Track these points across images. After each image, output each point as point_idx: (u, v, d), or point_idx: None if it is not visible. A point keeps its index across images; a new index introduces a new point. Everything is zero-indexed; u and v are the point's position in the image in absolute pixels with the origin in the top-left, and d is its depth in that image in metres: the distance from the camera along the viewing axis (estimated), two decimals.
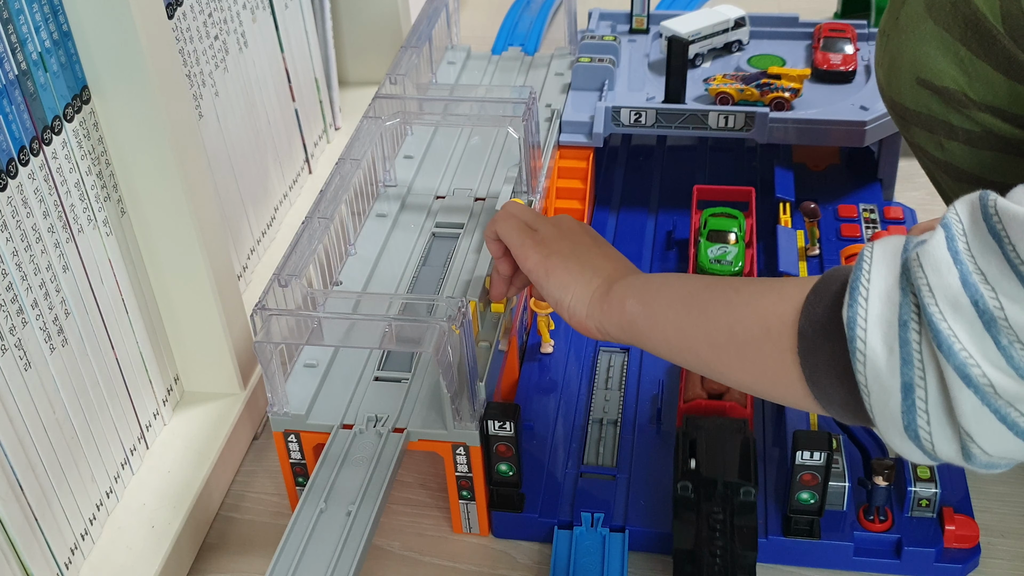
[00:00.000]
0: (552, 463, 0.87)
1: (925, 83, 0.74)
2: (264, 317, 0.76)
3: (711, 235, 1.01)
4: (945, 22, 0.71)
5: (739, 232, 1.01)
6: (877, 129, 1.07)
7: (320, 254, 0.89)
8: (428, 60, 1.16)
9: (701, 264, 0.99)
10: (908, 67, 0.75)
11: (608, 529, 0.82)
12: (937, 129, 0.76)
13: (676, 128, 1.09)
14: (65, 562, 0.78)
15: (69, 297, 0.78)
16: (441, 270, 0.94)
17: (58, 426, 0.77)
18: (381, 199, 1.03)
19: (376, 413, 0.81)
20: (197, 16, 0.96)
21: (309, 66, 1.23)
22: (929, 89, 0.74)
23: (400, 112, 0.98)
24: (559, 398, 0.93)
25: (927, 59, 0.73)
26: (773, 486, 0.83)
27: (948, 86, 0.73)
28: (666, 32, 1.17)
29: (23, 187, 0.72)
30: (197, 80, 0.96)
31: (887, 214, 1.11)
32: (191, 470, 0.87)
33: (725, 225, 1.02)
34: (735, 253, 0.99)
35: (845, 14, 1.45)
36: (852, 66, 1.14)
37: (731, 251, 1.00)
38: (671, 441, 0.88)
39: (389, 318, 0.76)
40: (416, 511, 0.89)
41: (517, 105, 0.97)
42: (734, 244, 1.00)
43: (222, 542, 0.87)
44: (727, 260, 0.99)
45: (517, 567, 0.83)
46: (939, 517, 0.80)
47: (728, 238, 1.01)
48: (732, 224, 1.02)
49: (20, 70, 0.71)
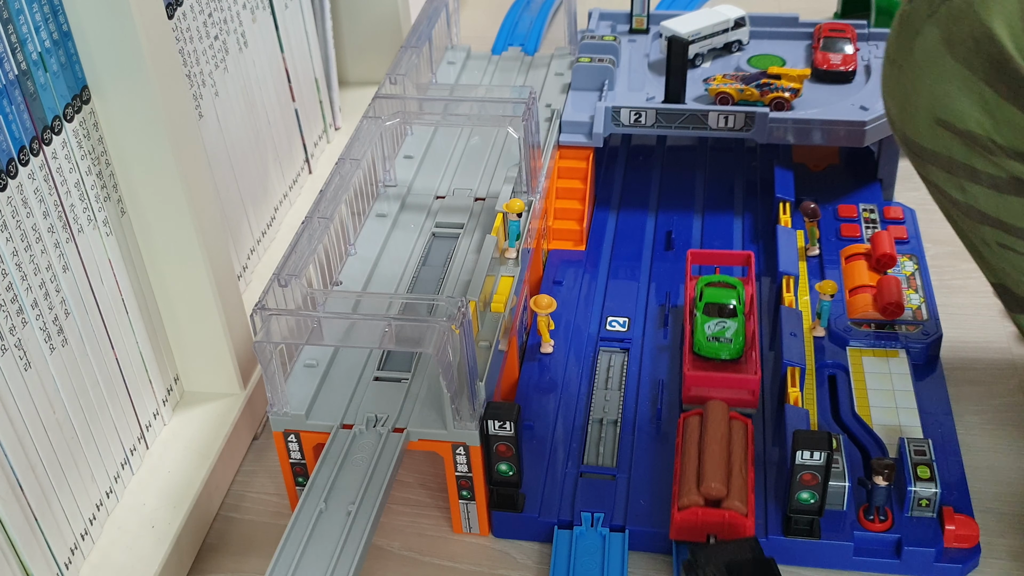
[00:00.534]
0: (552, 463, 0.87)
1: (945, 124, 0.69)
2: (264, 317, 0.76)
3: (708, 308, 0.93)
4: (968, 60, 0.66)
5: (738, 303, 0.93)
6: (877, 129, 1.07)
7: (320, 254, 0.89)
8: (428, 60, 1.16)
9: (698, 343, 0.91)
10: (926, 105, 0.70)
11: (608, 529, 0.82)
12: (958, 172, 0.71)
13: (676, 128, 1.09)
14: (65, 562, 0.78)
15: (69, 297, 0.78)
16: (441, 270, 0.94)
17: (58, 426, 0.77)
18: (381, 199, 1.03)
19: (376, 413, 0.81)
20: (197, 16, 0.96)
21: (309, 66, 1.23)
22: (950, 131, 0.69)
23: (400, 112, 0.98)
24: (559, 398, 0.93)
25: (947, 99, 0.68)
26: (773, 486, 0.83)
27: (972, 129, 0.67)
28: (666, 32, 1.17)
29: (23, 187, 0.72)
30: (197, 80, 0.96)
31: (887, 214, 1.12)
32: (191, 470, 0.87)
33: (723, 297, 0.93)
34: (734, 329, 0.91)
35: (845, 14, 1.45)
36: (852, 66, 1.14)
37: (730, 326, 0.91)
38: (671, 441, 0.88)
39: (389, 318, 0.76)
40: (416, 511, 0.89)
41: (517, 105, 0.97)
42: (733, 318, 0.92)
43: (222, 542, 0.87)
44: (726, 337, 0.91)
45: (517, 567, 0.83)
46: (939, 517, 0.80)
47: (727, 310, 0.92)
48: (730, 295, 0.94)
49: (20, 70, 0.71)
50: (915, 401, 0.89)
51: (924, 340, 0.94)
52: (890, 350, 0.94)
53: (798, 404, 0.85)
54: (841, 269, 1.03)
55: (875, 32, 1.21)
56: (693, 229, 1.13)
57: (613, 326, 1.01)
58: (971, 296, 1.05)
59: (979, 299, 1.04)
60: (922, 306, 0.98)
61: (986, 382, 0.96)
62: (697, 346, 0.91)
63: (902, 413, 0.88)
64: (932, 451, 0.82)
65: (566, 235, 1.12)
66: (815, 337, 0.96)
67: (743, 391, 0.88)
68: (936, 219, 1.14)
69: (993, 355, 0.99)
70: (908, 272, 1.03)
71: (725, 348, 0.90)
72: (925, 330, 0.96)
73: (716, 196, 1.18)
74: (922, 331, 0.95)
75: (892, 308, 0.95)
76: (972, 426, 0.92)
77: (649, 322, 1.01)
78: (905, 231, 1.08)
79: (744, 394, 0.88)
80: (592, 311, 1.03)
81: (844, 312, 0.97)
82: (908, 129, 0.73)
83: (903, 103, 0.72)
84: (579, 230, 1.12)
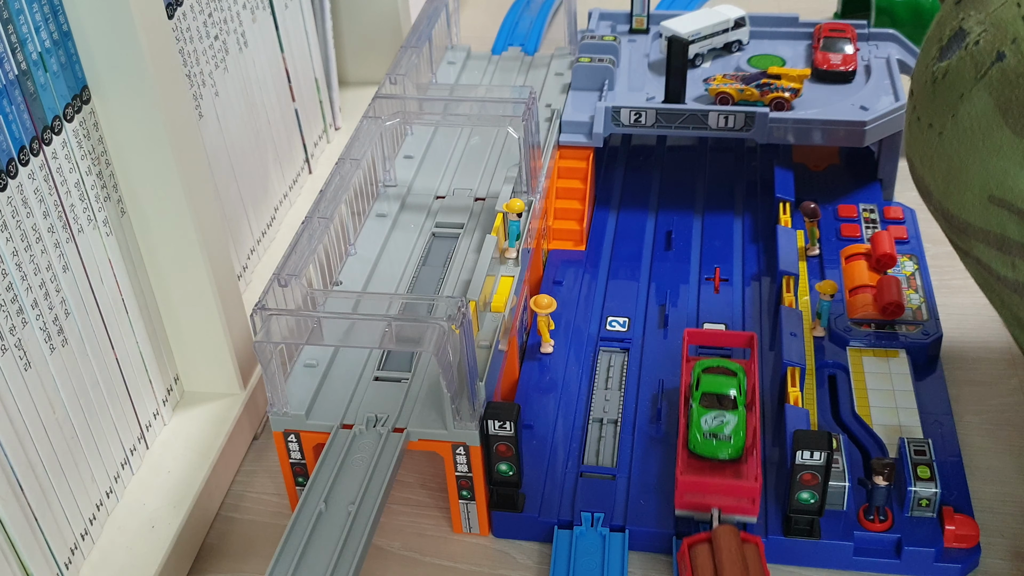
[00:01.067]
0: (552, 463, 0.87)
1: (1001, 202, 0.62)
2: (264, 317, 0.76)
3: (705, 398, 0.84)
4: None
5: (739, 393, 0.84)
6: (877, 129, 1.07)
7: (320, 254, 0.89)
8: (428, 60, 1.16)
9: (693, 439, 0.82)
10: (978, 182, 0.63)
11: (608, 529, 0.82)
12: (1012, 250, 0.64)
13: (676, 128, 1.09)
14: (65, 562, 0.78)
15: (69, 297, 0.78)
16: (441, 270, 0.94)
17: (58, 426, 0.77)
18: (381, 199, 1.03)
19: (376, 413, 0.81)
20: (197, 16, 0.96)
21: (309, 66, 1.23)
22: (1006, 209, 0.62)
23: (400, 112, 0.98)
24: (559, 398, 0.93)
25: (1004, 176, 0.61)
26: (773, 486, 0.83)
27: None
28: (666, 32, 1.17)
29: (23, 187, 0.72)
30: (197, 80, 0.96)
31: (887, 214, 1.12)
32: (191, 470, 0.87)
33: (721, 386, 0.84)
34: (734, 424, 0.82)
35: (845, 14, 1.45)
36: (852, 66, 1.14)
37: (729, 421, 0.82)
38: (671, 441, 0.88)
39: (389, 318, 0.76)
40: (416, 511, 0.89)
41: (517, 105, 0.97)
42: (733, 411, 0.83)
43: (222, 542, 0.87)
44: (724, 434, 0.81)
45: (517, 567, 0.83)
46: (939, 517, 0.80)
47: (726, 402, 0.83)
48: (730, 384, 0.84)
49: (20, 70, 0.71)
50: (915, 401, 0.89)
51: (924, 340, 0.94)
52: (890, 350, 0.94)
53: (798, 404, 0.85)
54: (841, 269, 1.03)
55: (875, 32, 1.21)
56: (693, 229, 1.13)
57: (613, 326, 1.01)
58: (971, 296, 1.05)
59: (979, 299, 1.04)
60: (922, 306, 0.98)
61: (986, 382, 0.96)
62: (692, 443, 0.82)
63: (902, 413, 0.88)
64: (932, 451, 0.82)
65: (566, 235, 1.12)
66: (815, 337, 0.96)
67: (743, 499, 0.79)
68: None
69: (993, 355, 0.99)
70: (908, 272, 1.03)
71: (723, 447, 0.81)
72: (925, 330, 0.96)
73: (716, 196, 1.18)
74: (922, 331, 0.96)
75: (892, 308, 0.95)
76: (972, 426, 0.92)
77: (649, 322, 1.01)
78: (905, 231, 1.08)
79: (744, 502, 0.80)
80: (592, 311, 1.03)
81: (844, 312, 0.97)
82: (951, 204, 0.65)
83: (946, 176, 0.65)
84: (579, 230, 1.12)
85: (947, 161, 0.64)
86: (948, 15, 0.66)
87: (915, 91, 0.68)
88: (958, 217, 0.66)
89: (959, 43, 0.63)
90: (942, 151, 0.64)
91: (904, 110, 1.07)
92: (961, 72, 0.62)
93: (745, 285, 1.05)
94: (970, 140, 0.62)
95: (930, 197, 0.68)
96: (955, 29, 0.64)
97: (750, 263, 1.08)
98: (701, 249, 1.10)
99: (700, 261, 1.08)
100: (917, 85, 0.67)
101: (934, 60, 0.66)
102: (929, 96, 0.65)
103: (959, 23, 0.64)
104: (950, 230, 0.69)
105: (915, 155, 0.68)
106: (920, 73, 0.68)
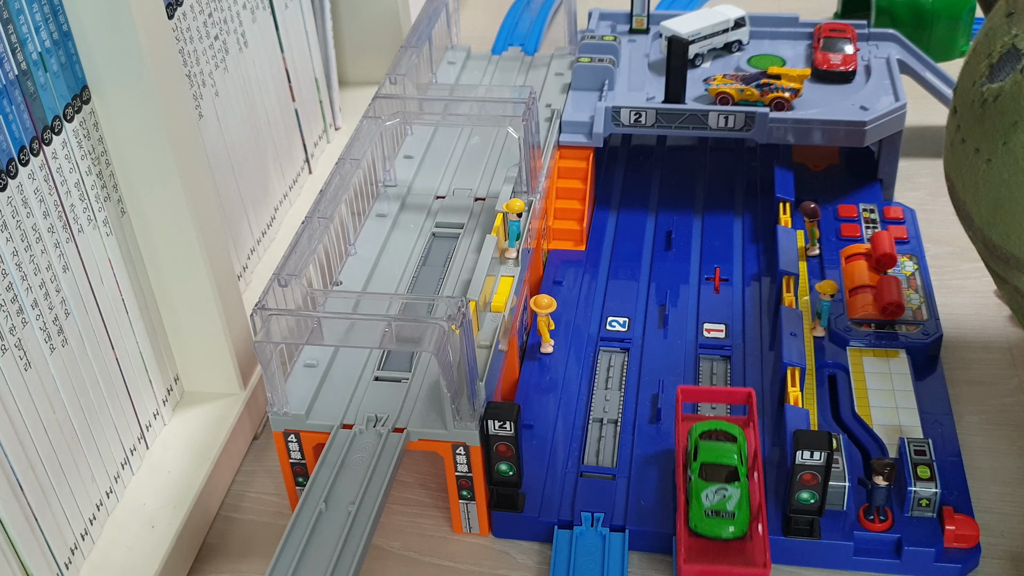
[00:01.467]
0: (552, 463, 0.87)
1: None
2: (264, 317, 0.76)
3: (705, 470, 0.78)
4: None
5: (740, 460, 0.78)
6: (877, 129, 1.07)
7: (320, 254, 0.89)
8: (428, 60, 1.16)
9: (694, 518, 0.76)
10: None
11: (608, 529, 0.82)
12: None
13: (676, 128, 1.09)
14: (65, 562, 0.78)
15: (69, 297, 0.78)
16: (441, 270, 0.94)
17: (58, 426, 0.77)
18: (381, 199, 1.03)
19: (376, 413, 0.81)
20: (197, 16, 0.96)
21: (309, 66, 1.23)
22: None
23: (400, 112, 0.98)
24: (559, 398, 0.93)
25: None
26: (773, 486, 0.83)
27: None
28: (666, 32, 1.17)
29: (23, 187, 0.72)
30: (197, 80, 0.96)
31: (887, 214, 1.12)
32: (191, 470, 0.87)
33: (722, 455, 0.78)
34: (738, 498, 0.76)
35: (845, 14, 1.45)
36: (852, 66, 1.14)
37: (732, 495, 0.76)
38: (671, 441, 0.88)
39: (389, 318, 0.76)
40: (416, 511, 0.89)
41: (517, 105, 0.97)
42: (736, 483, 0.77)
43: (222, 542, 0.87)
44: (728, 511, 0.76)
45: (517, 567, 0.83)
46: (939, 517, 0.80)
47: (728, 473, 0.78)
48: (731, 452, 0.78)
49: (20, 70, 0.71)
50: (915, 401, 0.89)
51: (924, 340, 0.94)
52: (890, 350, 0.94)
53: (798, 404, 0.85)
54: (841, 269, 1.03)
55: (875, 32, 1.21)
56: (693, 229, 1.13)
57: (613, 326, 1.01)
58: (971, 296, 1.05)
59: (979, 299, 1.04)
60: (922, 306, 0.98)
61: (986, 382, 0.96)
62: (694, 522, 0.76)
63: (902, 413, 0.88)
64: (932, 451, 0.82)
65: (566, 235, 1.12)
66: (815, 337, 0.96)
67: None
68: (936, 219, 1.15)
69: (993, 355, 0.99)
70: (908, 272, 1.03)
71: (728, 525, 0.76)
72: (925, 330, 0.96)
73: (716, 196, 1.18)
74: (922, 331, 0.96)
75: (892, 308, 0.95)
76: (972, 426, 0.92)
77: (649, 322, 1.01)
78: (905, 231, 1.08)
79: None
80: (592, 311, 1.03)
81: (844, 312, 0.97)
82: (996, 234, 0.60)
83: (993, 206, 0.60)
84: (579, 230, 1.12)
85: (995, 191, 0.59)
86: (998, 28, 0.61)
87: (959, 109, 0.62)
88: (1002, 248, 0.61)
89: (1013, 63, 0.58)
90: (990, 180, 0.60)
91: (904, 110, 1.08)
92: (1016, 97, 0.57)
93: (745, 285, 1.05)
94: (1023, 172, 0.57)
95: (971, 223, 0.64)
96: (1007, 46, 0.60)
97: (750, 263, 1.08)
98: (701, 249, 1.10)
99: (700, 261, 1.08)
100: (962, 104, 0.61)
101: (983, 78, 0.61)
102: (976, 119, 0.60)
103: (1012, 40, 0.59)
104: (991, 258, 0.65)
105: (957, 179, 0.63)
106: (966, 90, 0.62)
